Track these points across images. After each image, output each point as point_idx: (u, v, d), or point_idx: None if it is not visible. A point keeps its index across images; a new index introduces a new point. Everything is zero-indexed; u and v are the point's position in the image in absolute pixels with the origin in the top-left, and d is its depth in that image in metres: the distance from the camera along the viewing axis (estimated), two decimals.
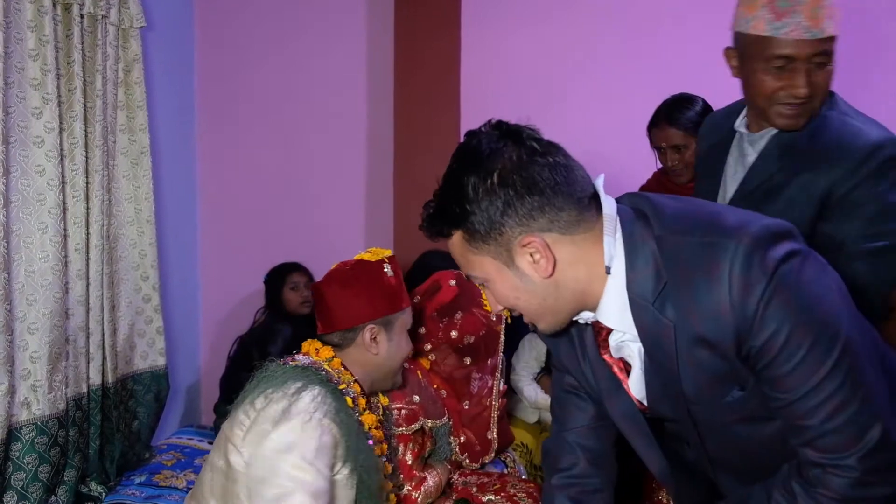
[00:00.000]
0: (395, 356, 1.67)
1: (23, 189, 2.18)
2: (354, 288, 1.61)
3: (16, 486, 2.13)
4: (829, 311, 0.93)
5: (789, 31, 1.34)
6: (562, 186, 0.98)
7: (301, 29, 3.12)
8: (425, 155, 3.25)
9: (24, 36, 2.16)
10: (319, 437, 1.40)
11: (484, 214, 0.98)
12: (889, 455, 0.94)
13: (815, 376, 0.93)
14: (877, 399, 0.94)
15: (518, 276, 1.01)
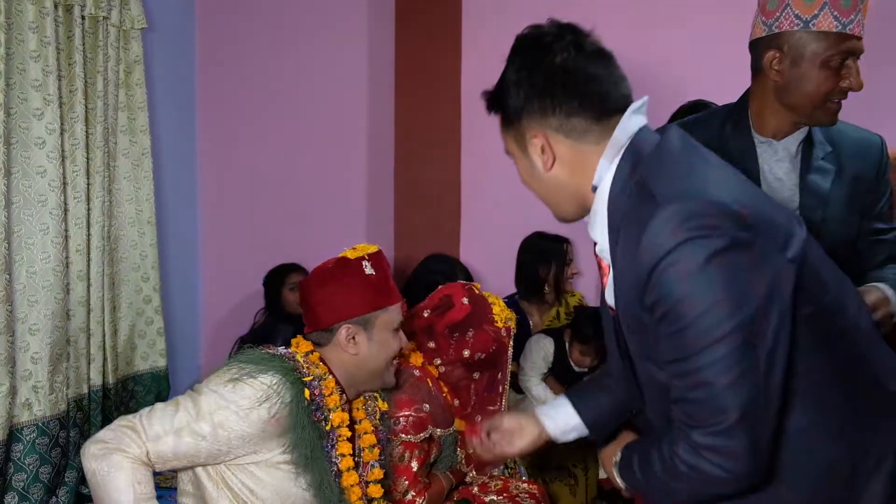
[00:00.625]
0: (378, 356, 1.59)
1: (24, 190, 2.18)
2: (330, 286, 1.57)
3: (17, 487, 2.13)
4: (723, 299, 0.94)
5: (854, 26, 1.41)
6: (584, 97, 1.06)
7: (302, 30, 3.12)
8: (426, 156, 3.26)
9: (25, 37, 2.16)
10: (249, 421, 1.40)
11: (511, 101, 1.11)
12: (730, 444, 0.97)
13: (689, 349, 0.97)
14: (748, 393, 0.96)
15: (529, 163, 1.13)
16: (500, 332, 1.96)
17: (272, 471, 1.45)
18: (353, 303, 1.56)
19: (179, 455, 1.39)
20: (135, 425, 1.39)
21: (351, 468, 1.55)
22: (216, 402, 1.40)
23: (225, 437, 1.39)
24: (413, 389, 1.84)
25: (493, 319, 1.94)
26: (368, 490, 1.60)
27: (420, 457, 1.81)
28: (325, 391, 1.53)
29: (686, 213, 0.96)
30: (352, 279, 1.57)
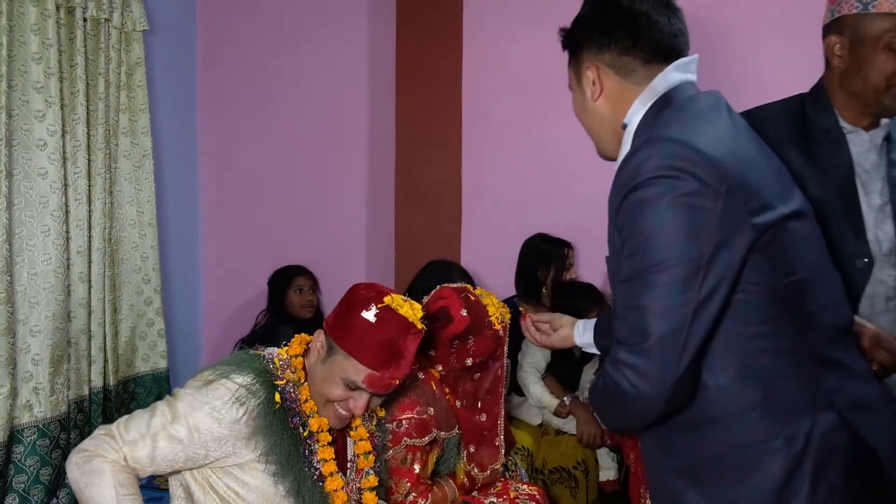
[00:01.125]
0: (316, 381, 1.50)
1: (25, 192, 2.18)
2: (347, 298, 1.53)
3: (17, 489, 2.13)
4: (676, 235, 1.04)
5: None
6: (638, 39, 1.18)
7: (303, 32, 3.12)
8: (427, 158, 3.26)
9: (27, 39, 2.16)
10: (224, 424, 1.40)
11: (578, 34, 1.25)
12: (643, 365, 1.06)
13: (636, 273, 1.07)
14: (671, 325, 1.04)
15: (581, 94, 1.26)
16: (499, 333, 1.95)
17: (256, 473, 1.45)
18: (339, 323, 1.49)
19: (157, 460, 1.39)
20: (112, 432, 1.40)
21: (334, 473, 1.52)
22: (191, 405, 1.41)
23: (200, 439, 1.40)
24: (417, 392, 1.83)
25: (491, 323, 1.94)
26: (363, 498, 1.59)
27: (422, 458, 1.80)
28: (301, 397, 1.50)
29: (668, 152, 1.06)
30: (357, 306, 1.49)
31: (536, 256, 2.90)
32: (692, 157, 1.05)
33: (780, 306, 1.10)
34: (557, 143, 3.11)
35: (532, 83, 3.16)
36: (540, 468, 2.60)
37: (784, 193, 1.13)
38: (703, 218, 1.04)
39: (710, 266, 1.04)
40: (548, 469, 2.59)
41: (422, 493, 1.79)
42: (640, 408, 1.08)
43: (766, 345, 1.11)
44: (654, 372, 1.05)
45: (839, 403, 1.10)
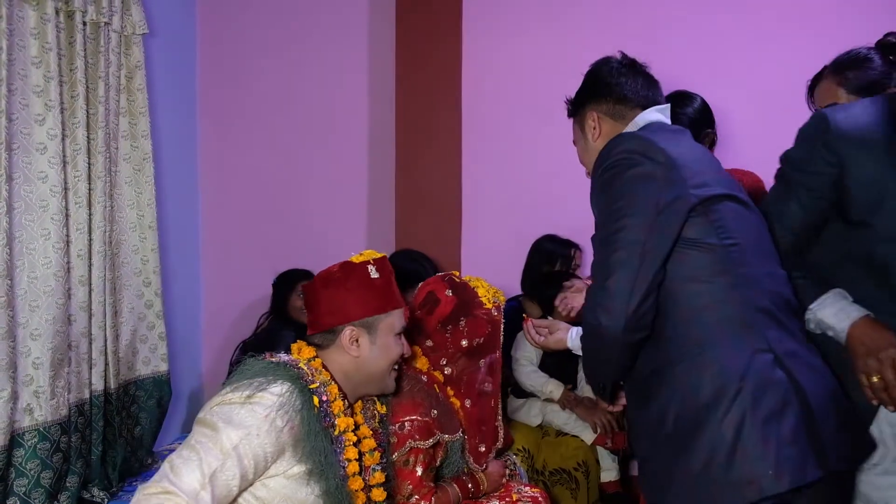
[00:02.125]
0: (379, 360, 1.61)
1: (25, 195, 2.19)
2: (336, 288, 1.58)
3: (18, 492, 2.13)
4: (631, 199, 1.39)
5: None
6: (627, 94, 1.60)
7: (303, 34, 3.13)
8: (427, 159, 3.26)
9: (26, 43, 2.17)
10: (271, 436, 1.38)
11: (579, 95, 1.68)
12: (605, 301, 1.37)
13: (603, 227, 1.43)
14: (627, 267, 1.36)
15: (584, 139, 1.66)
16: (492, 313, 1.95)
17: (282, 479, 1.44)
18: (358, 305, 1.58)
19: (217, 499, 1.34)
20: (167, 488, 1.29)
21: (356, 473, 1.55)
22: (236, 434, 1.35)
23: (251, 465, 1.37)
24: (420, 395, 1.83)
25: (481, 303, 1.94)
26: (372, 494, 1.60)
27: (424, 461, 1.80)
28: (330, 397, 1.53)
29: (631, 143, 1.44)
30: (357, 282, 1.58)
31: (543, 257, 2.90)
32: (649, 147, 1.41)
33: (721, 264, 1.37)
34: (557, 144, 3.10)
35: (531, 85, 3.16)
36: (540, 469, 2.60)
37: (723, 182, 1.46)
38: (653, 186, 1.38)
39: (657, 222, 1.36)
40: (548, 470, 2.59)
41: (425, 495, 1.79)
42: (607, 338, 1.38)
43: (713, 297, 1.37)
44: (612, 305, 1.36)
45: (778, 349, 1.34)
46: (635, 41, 3.05)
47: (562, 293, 2.07)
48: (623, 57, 1.66)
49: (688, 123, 2.21)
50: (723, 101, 2.49)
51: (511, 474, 2.21)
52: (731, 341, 1.34)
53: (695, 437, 1.32)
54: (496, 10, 3.20)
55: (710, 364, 1.33)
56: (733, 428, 1.29)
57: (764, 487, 1.26)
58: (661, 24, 3.01)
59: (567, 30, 3.10)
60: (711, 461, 1.30)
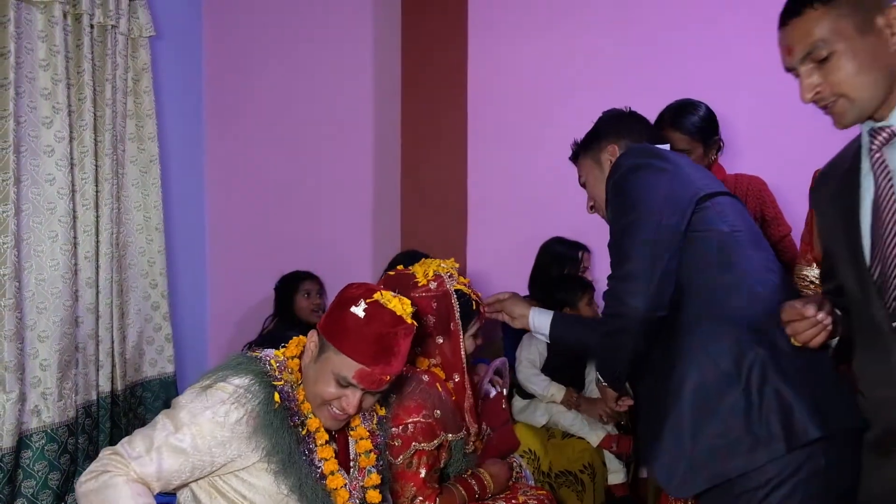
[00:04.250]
0: (308, 381, 1.50)
1: (33, 198, 2.19)
2: (340, 297, 1.54)
3: (26, 494, 2.14)
4: (644, 195, 1.52)
5: None
6: (643, 133, 1.75)
7: (309, 37, 3.13)
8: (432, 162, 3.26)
9: (34, 46, 2.17)
10: (226, 426, 1.40)
11: (595, 135, 1.78)
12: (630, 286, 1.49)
13: (618, 221, 1.55)
14: (647, 255, 1.48)
15: (600, 171, 1.74)
16: (429, 286, 1.90)
17: (262, 475, 1.45)
18: (330, 321, 1.51)
19: (164, 474, 1.38)
20: (117, 451, 1.39)
21: (335, 471, 1.53)
22: (191, 413, 1.40)
23: (204, 446, 1.39)
24: (422, 395, 1.82)
25: (417, 283, 1.91)
26: (367, 496, 1.60)
27: (428, 463, 1.79)
28: (299, 397, 1.51)
29: (639, 153, 1.61)
30: (347, 303, 1.51)
31: (551, 258, 2.90)
32: (657, 151, 1.62)
33: (730, 247, 1.51)
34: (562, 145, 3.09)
35: (536, 86, 3.16)
36: (546, 471, 2.59)
37: (714, 185, 1.60)
38: (663, 178, 1.52)
39: (669, 208, 1.49)
40: (554, 472, 2.58)
41: (428, 496, 1.78)
42: (631, 318, 1.48)
43: (725, 278, 1.49)
44: (635, 287, 1.47)
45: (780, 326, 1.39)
46: (640, 45, 3.06)
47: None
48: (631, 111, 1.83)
49: (695, 132, 2.20)
50: (727, 105, 2.49)
51: (517, 476, 2.21)
52: (744, 315, 1.45)
53: (719, 403, 1.41)
54: (502, 13, 3.20)
55: (727, 336, 1.44)
56: (756, 391, 1.39)
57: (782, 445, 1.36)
58: (665, 27, 3.01)
59: (573, 33, 3.10)
60: (735, 425, 1.40)
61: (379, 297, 1.50)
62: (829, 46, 1.22)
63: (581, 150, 1.81)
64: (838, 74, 1.23)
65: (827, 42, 1.22)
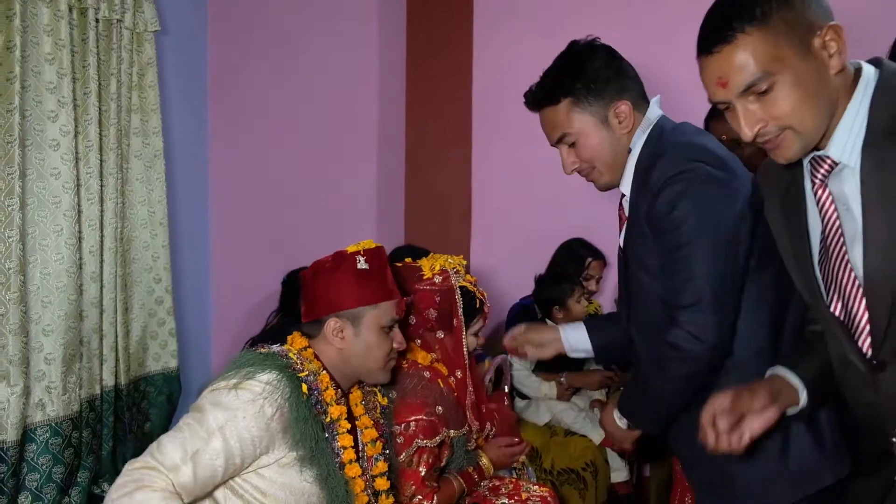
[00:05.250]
0: (364, 353, 1.59)
1: (38, 191, 2.20)
2: (323, 278, 1.58)
3: (30, 487, 2.14)
4: (703, 214, 1.34)
5: None
6: (636, 79, 1.51)
7: (314, 33, 3.13)
8: (437, 161, 3.26)
9: (40, 40, 2.17)
10: (260, 422, 1.39)
11: (594, 84, 1.47)
12: (704, 319, 1.33)
13: (677, 248, 1.35)
14: (718, 283, 1.33)
15: (607, 130, 1.48)
16: (434, 280, 1.92)
17: (286, 469, 1.45)
18: (343, 296, 1.57)
19: (199, 481, 1.34)
20: (149, 463, 1.32)
21: (353, 460, 1.55)
22: (222, 415, 1.37)
23: (237, 447, 1.37)
24: (425, 392, 1.82)
25: (422, 276, 1.91)
26: (375, 483, 1.61)
27: (428, 461, 1.79)
28: (321, 386, 1.54)
29: (686, 153, 1.38)
30: (344, 273, 1.58)
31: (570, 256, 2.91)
32: (704, 154, 1.38)
33: (766, 290, 1.40)
34: None
35: None
36: (549, 469, 2.60)
37: (747, 175, 1.43)
38: (720, 200, 1.34)
39: (736, 231, 1.34)
40: (556, 470, 2.59)
41: (427, 495, 1.78)
42: (695, 361, 1.35)
43: (775, 295, 1.40)
44: (713, 323, 1.32)
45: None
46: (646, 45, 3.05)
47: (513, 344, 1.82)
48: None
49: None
50: None
51: (519, 474, 2.21)
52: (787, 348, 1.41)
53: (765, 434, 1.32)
54: (507, 13, 3.20)
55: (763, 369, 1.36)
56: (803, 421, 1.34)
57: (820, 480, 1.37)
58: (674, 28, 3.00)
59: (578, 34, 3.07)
60: (781, 456, 1.37)
61: (358, 247, 1.63)
62: (771, 77, 1.07)
63: (562, 97, 1.51)
64: (783, 106, 1.08)
65: (770, 73, 1.07)
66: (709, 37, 1.12)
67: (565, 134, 1.51)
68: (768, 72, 1.07)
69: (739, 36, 1.08)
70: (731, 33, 1.08)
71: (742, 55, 1.08)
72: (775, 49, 1.07)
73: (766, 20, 1.07)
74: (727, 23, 1.09)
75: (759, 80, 1.08)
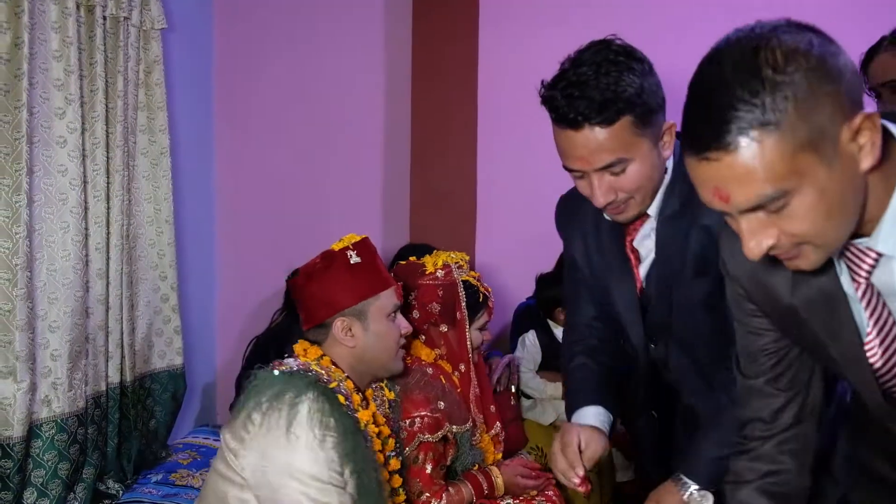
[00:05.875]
0: (377, 345, 1.59)
1: (45, 188, 2.20)
2: (318, 280, 1.57)
3: (36, 483, 2.14)
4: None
5: None
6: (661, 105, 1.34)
7: (319, 31, 3.13)
8: (442, 158, 3.25)
9: (47, 37, 2.18)
10: (324, 450, 1.38)
11: (650, 100, 1.29)
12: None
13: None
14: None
15: (657, 153, 1.33)
16: (437, 275, 1.92)
17: (328, 488, 1.43)
18: (344, 294, 1.56)
19: None
20: None
21: (381, 464, 1.56)
22: (308, 463, 1.37)
23: (330, 478, 1.39)
24: (427, 388, 1.82)
25: (424, 271, 1.92)
26: (392, 481, 1.61)
27: (434, 458, 1.80)
28: (349, 393, 1.53)
29: None
30: (337, 270, 1.57)
31: None
32: None
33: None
34: None
35: None
36: None
37: None
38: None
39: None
40: None
41: (435, 493, 1.79)
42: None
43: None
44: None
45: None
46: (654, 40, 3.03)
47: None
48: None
49: None
50: None
51: None
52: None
53: None
54: (513, 10, 3.19)
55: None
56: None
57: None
58: (680, 24, 2.99)
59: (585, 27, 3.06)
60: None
61: (345, 242, 1.65)
62: (786, 197, 0.82)
63: (621, 115, 1.25)
64: (800, 224, 0.84)
65: (785, 191, 0.81)
66: (697, 134, 0.84)
67: (619, 160, 1.26)
68: (784, 189, 0.81)
69: (742, 141, 0.80)
70: (731, 137, 0.80)
71: (748, 166, 0.80)
72: (792, 160, 0.80)
73: (781, 120, 0.78)
74: (723, 119, 0.80)
75: (769, 201, 0.83)
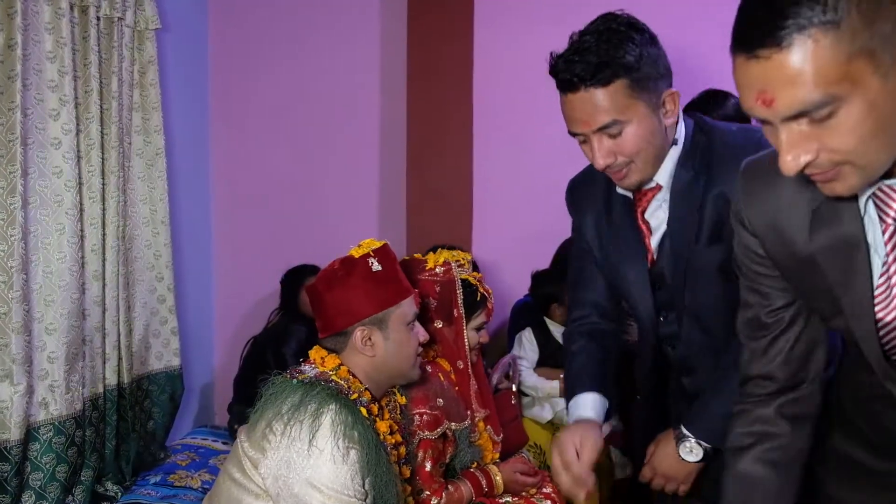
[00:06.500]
0: (397, 354, 1.57)
1: (40, 190, 2.19)
2: (339, 288, 1.53)
3: (34, 486, 2.14)
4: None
5: None
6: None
7: (315, 31, 3.12)
8: (439, 157, 3.26)
9: (41, 38, 2.17)
10: (347, 462, 1.38)
11: (649, 68, 1.31)
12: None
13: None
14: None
15: (657, 120, 1.33)
16: (436, 271, 1.92)
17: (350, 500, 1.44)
18: (364, 303, 1.53)
19: None
20: None
21: (398, 474, 1.55)
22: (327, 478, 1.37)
23: (352, 488, 1.40)
24: (425, 386, 1.83)
25: (425, 266, 1.92)
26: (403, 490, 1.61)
27: (433, 456, 1.80)
28: (367, 403, 1.51)
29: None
30: (359, 278, 1.53)
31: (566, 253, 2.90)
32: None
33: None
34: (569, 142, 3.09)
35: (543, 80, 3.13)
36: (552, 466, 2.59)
37: None
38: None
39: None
40: None
41: (435, 491, 1.79)
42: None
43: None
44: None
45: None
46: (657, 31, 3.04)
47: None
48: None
49: (726, 120, 2.18)
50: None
51: None
52: None
53: None
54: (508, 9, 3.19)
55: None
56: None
57: None
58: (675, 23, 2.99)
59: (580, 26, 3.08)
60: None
61: (364, 249, 1.60)
62: (835, 103, 0.76)
63: (616, 77, 1.29)
64: (845, 140, 0.78)
65: (835, 97, 0.76)
66: (751, 29, 0.78)
67: (615, 121, 1.29)
68: (833, 95, 0.75)
69: (797, 39, 0.74)
70: (786, 33, 0.74)
71: (798, 67, 0.75)
72: (848, 63, 0.74)
73: (842, 20, 0.73)
74: (781, 14, 0.74)
75: (818, 106, 0.76)
